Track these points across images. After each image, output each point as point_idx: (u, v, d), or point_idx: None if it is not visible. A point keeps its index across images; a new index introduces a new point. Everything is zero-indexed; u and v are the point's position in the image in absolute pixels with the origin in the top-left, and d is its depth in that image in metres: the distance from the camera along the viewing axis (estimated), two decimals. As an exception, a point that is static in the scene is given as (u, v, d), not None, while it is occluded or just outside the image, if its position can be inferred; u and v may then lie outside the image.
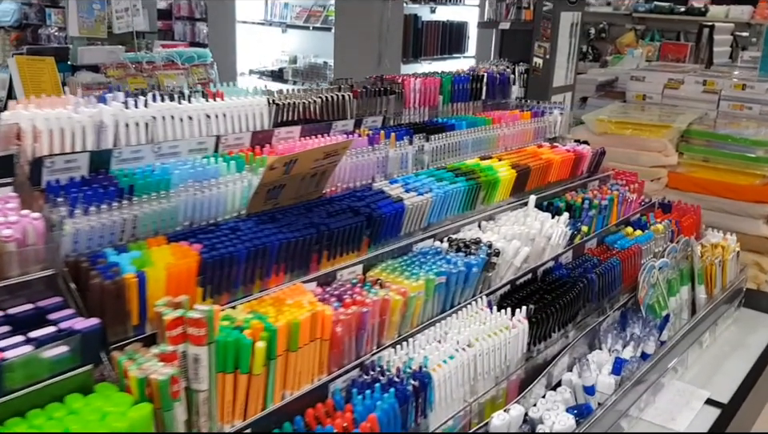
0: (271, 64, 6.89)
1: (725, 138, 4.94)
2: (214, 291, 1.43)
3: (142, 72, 5.61)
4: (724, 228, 4.84)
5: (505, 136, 2.46)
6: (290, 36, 6.87)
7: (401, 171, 2.09)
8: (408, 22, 6.59)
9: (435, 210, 1.96)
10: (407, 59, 6.61)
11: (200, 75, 5.99)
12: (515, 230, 2.10)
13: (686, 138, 5.11)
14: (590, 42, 9.65)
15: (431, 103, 2.43)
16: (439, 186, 1.99)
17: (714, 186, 4.90)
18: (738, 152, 4.82)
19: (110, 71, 5.46)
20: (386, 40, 6.42)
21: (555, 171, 2.45)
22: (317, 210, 1.71)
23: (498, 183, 2.17)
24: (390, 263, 1.81)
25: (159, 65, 5.67)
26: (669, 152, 5.10)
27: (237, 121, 1.83)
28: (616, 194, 2.58)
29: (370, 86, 2.25)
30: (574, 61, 5.19)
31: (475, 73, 2.62)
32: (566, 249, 2.29)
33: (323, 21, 6.54)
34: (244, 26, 6.77)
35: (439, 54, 7.04)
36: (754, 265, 4.78)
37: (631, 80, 5.93)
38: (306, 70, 6.69)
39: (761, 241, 4.79)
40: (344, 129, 2.09)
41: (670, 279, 2.51)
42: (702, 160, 5.01)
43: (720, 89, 5.48)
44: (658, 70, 6.05)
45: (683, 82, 5.67)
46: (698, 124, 5.19)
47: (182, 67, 5.82)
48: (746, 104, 5.42)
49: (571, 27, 5.02)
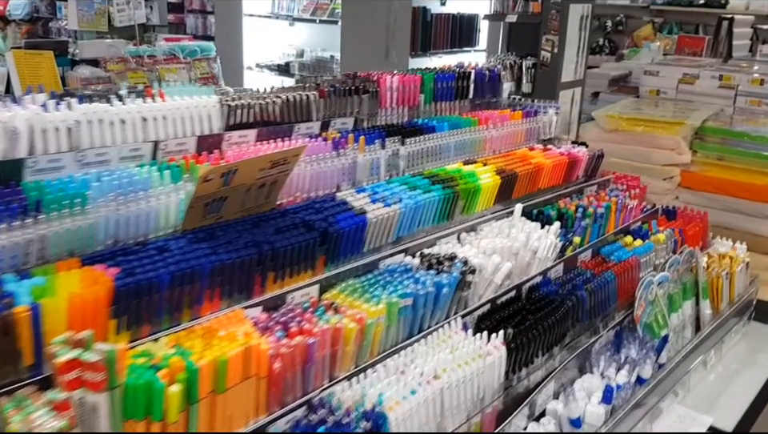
0: (278, 58, 6.69)
1: (741, 136, 4.66)
2: (132, 323, 1.24)
3: (143, 66, 5.43)
4: (738, 229, 4.60)
5: (492, 138, 2.23)
6: (297, 29, 6.67)
7: (371, 179, 1.88)
8: (416, 14, 6.34)
9: (405, 222, 1.75)
10: (416, 53, 6.37)
11: (203, 70, 5.81)
12: (497, 243, 1.88)
13: (700, 136, 4.84)
14: (607, 35, 9.34)
15: (411, 103, 2.21)
16: (411, 196, 1.78)
17: (728, 185, 4.64)
18: (755, 150, 4.55)
19: (109, 66, 5.29)
20: (393, 33, 6.19)
21: (546, 177, 2.22)
22: (265, 226, 1.50)
23: (480, 192, 1.95)
24: (351, 283, 1.60)
25: (160, 59, 5.49)
26: (682, 150, 4.84)
27: (180, 124, 1.63)
28: (614, 200, 2.35)
29: (340, 84, 2.04)
30: (584, 55, 4.93)
31: (462, 70, 2.40)
32: (555, 262, 2.07)
33: (330, 14, 6.32)
34: (251, 20, 6.58)
35: (449, 48, 6.78)
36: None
37: (645, 75, 5.65)
38: (312, 64, 6.49)
39: (777, 243, 4.53)
40: (308, 132, 1.88)
41: (672, 293, 2.28)
42: (716, 159, 4.75)
43: (737, 84, 5.19)
44: (673, 65, 5.76)
45: (698, 77, 5.39)
46: (713, 121, 4.92)
47: (184, 61, 5.64)
48: (764, 100, 5.13)
49: (581, 20, 4.75)
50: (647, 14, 8.93)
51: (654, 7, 8.77)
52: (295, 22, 6.52)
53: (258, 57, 6.74)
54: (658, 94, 5.55)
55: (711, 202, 4.72)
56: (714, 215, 4.67)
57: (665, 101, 5.46)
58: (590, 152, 2.41)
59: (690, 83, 5.39)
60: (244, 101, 1.75)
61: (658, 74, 5.58)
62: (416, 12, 6.37)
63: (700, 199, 4.77)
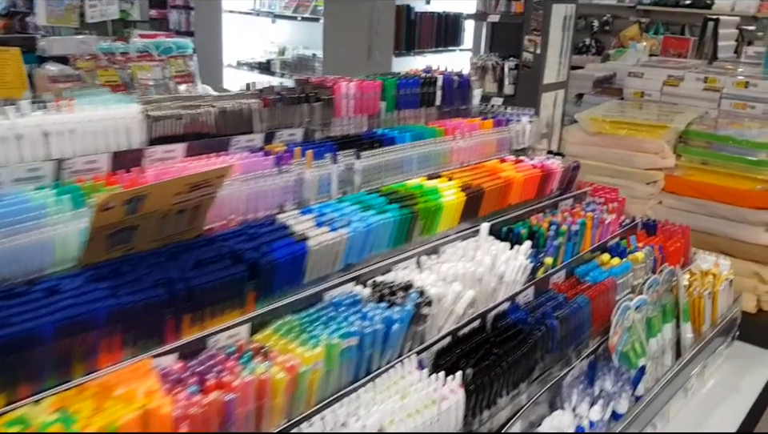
0: (260, 55, 6.44)
1: (725, 140, 4.45)
2: (7, 382, 1.02)
3: (115, 64, 5.17)
4: (722, 235, 4.40)
5: (459, 150, 2.01)
6: (279, 26, 6.42)
7: (321, 197, 1.66)
8: (400, 13, 6.11)
9: (355, 248, 1.53)
10: (399, 52, 6.14)
11: (178, 67, 5.55)
12: (459, 268, 1.66)
13: (684, 139, 4.63)
14: (593, 34, 9.13)
15: (371, 111, 1.99)
16: (362, 218, 1.56)
17: (712, 190, 4.44)
18: (739, 155, 4.35)
19: (79, 63, 5.02)
20: (376, 32, 5.96)
21: (517, 191, 2.00)
22: (185, 257, 1.28)
23: (441, 211, 1.74)
24: (288, 320, 1.38)
25: (133, 56, 5.22)
26: (666, 154, 4.63)
27: (92, 139, 1.40)
28: (590, 216, 2.13)
29: (287, 92, 1.81)
30: (568, 56, 4.72)
31: (429, 75, 2.17)
32: (525, 286, 1.85)
33: (312, 11, 6.08)
34: (231, 16, 6.32)
35: (434, 47, 6.55)
36: (754, 276, 4.33)
37: (629, 76, 5.43)
38: (294, 63, 6.24)
39: (761, 249, 4.33)
40: (249, 145, 1.66)
41: (650, 317, 2.07)
42: (700, 163, 4.54)
43: (722, 86, 4.99)
44: (658, 66, 5.54)
45: (683, 79, 5.18)
46: (698, 124, 4.71)
47: (159, 59, 5.37)
48: (749, 103, 4.93)
49: (564, 20, 4.53)
50: (634, 14, 8.73)
51: (641, 7, 8.57)
52: (277, 19, 6.28)
53: (239, 54, 6.48)
54: (642, 96, 5.34)
55: (695, 207, 4.52)
56: (697, 220, 4.50)
57: (649, 103, 5.25)
58: (566, 164, 2.20)
59: (674, 85, 5.18)
60: (172, 111, 1.52)
61: (642, 76, 5.37)
62: (400, 10, 6.14)
63: (683, 204, 4.57)
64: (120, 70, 5.14)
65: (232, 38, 6.46)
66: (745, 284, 4.24)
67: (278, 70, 6.28)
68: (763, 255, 4.27)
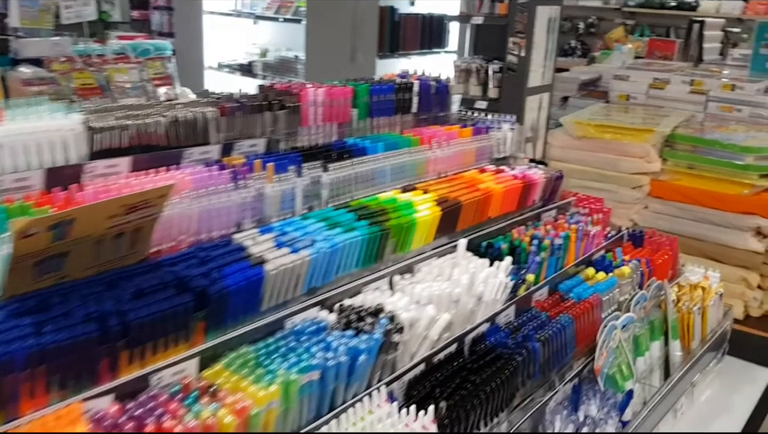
0: (241, 57, 6.28)
1: (712, 144, 4.35)
2: None
3: (91, 66, 4.99)
4: (709, 241, 4.30)
5: (436, 160, 1.88)
6: (261, 28, 6.27)
7: (284, 213, 1.53)
8: (384, 14, 5.96)
9: (318, 271, 1.40)
10: (383, 54, 6.00)
11: (157, 69, 5.38)
12: (433, 290, 1.53)
13: (670, 143, 4.53)
14: (579, 36, 9.03)
15: (341, 119, 1.85)
16: (327, 238, 1.43)
17: (699, 195, 4.34)
18: (726, 159, 4.25)
19: (54, 65, 4.84)
20: (359, 34, 5.82)
21: (497, 204, 1.88)
22: (124, 286, 1.15)
23: (415, 227, 1.61)
24: (243, 352, 1.25)
25: (110, 58, 5.06)
26: (651, 158, 4.52)
27: (24, 154, 1.26)
28: (574, 228, 2.01)
29: (248, 99, 1.68)
30: (553, 59, 4.60)
31: (404, 80, 2.04)
32: (505, 305, 1.73)
33: (294, 12, 5.93)
34: (212, 17, 6.16)
35: (418, 49, 6.42)
36: (741, 281, 4.24)
37: (614, 79, 5.32)
38: (276, 65, 6.09)
39: (748, 255, 4.25)
40: (204, 158, 1.52)
41: (638, 335, 1.95)
42: (687, 167, 4.44)
43: (708, 89, 4.89)
44: (643, 69, 5.44)
45: (669, 82, 5.07)
46: (684, 128, 4.61)
47: (136, 61, 5.21)
48: (736, 106, 4.83)
49: (549, 22, 4.42)
50: (619, 16, 8.65)
51: (626, 9, 8.48)
52: (258, 20, 6.12)
53: (221, 56, 6.33)
54: (627, 100, 5.24)
55: (681, 212, 4.42)
56: (684, 225, 4.40)
57: (635, 106, 5.15)
58: (548, 174, 2.07)
59: (660, 88, 5.08)
60: (116, 121, 1.38)
61: (628, 79, 5.27)
62: (383, 12, 6.00)
63: (670, 209, 4.47)
64: (96, 73, 4.97)
65: (213, 40, 6.30)
66: (732, 290, 4.15)
67: (259, 72, 6.13)
68: (751, 261, 4.18)
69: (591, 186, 4.71)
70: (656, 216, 4.52)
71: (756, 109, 4.72)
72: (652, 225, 4.60)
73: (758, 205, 4.12)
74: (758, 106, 4.71)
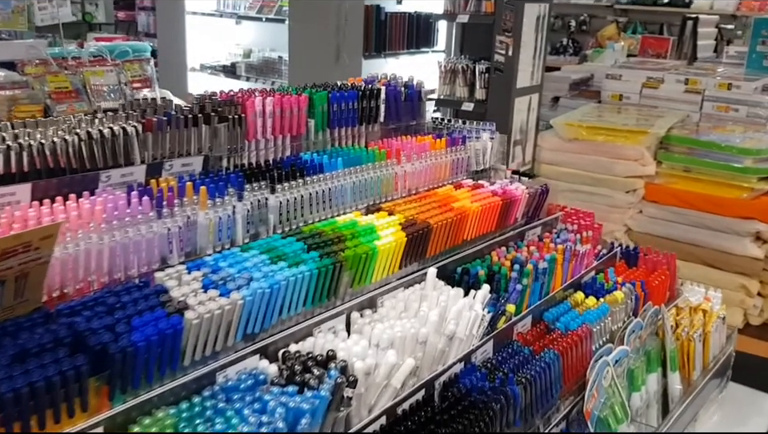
0: (224, 58, 6.05)
1: (709, 146, 4.14)
2: None
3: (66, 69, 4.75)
4: (706, 246, 4.09)
5: (406, 175, 1.66)
6: (244, 28, 6.03)
7: (222, 244, 1.30)
8: (369, 13, 5.73)
9: (255, 315, 1.17)
10: (369, 54, 5.76)
11: (134, 72, 5.14)
12: (396, 331, 1.31)
13: (665, 145, 4.32)
14: (571, 34, 8.80)
15: (296, 132, 1.62)
16: (267, 275, 1.20)
17: (695, 199, 4.14)
18: (724, 162, 4.04)
19: (27, 68, 4.60)
20: (344, 33, 5.59)
21: (473, 225, 1.66)
22: (6, 343, 0.92)
23: (376, 257, 1.38)
24: (161, 417, 1.02)
25: (86, 61, 4.82)
26: (646, 161, 4.32)
27: None
28: (561, 248, 1.79)
29: (180, 111, 1.44)
30: (542, 58, 4.38)
31: (369, 87, 1.81)
32: (482, 341, 1.51)
33: (277, 11, 5.70)
34: (194, 17, 5.91)
35: (406, 49, 6.18)
36: (741, 289, 4.04)
37: (607, 78, 5.11)
38: (260, 65, 5.86)
39: (747, 261, 4.06)
40: (126, 180, 1.29)
41: (633, 368, 1.73)
42: (682, 170, 4.24)
43: (703, 88, 4.67)
44: (636, 68, 5.22)
45: (663, 81, 4.86)
46: (679, 129, 4.40)
47: (113, 63, 4.97)
48: (732, 105, 4.61)
49: (538, 20, 4.20)
50: (611, 14, 8.42)
51: (618, 6, 8.26)
52: (242, 20, 5.89)
53: (204, 57, 6.09)
54: (620, 99, 5.03)
55: (677, 216, 4.22)
56: (680, 231, 4.19)
57: (628, 106, 4.93)
58: (532, 188, 1.85)
59: (654, 87, 4.87)
60: (13, 141, 1.15)
61: (620, 78, 5.05)
62: (369, 11, 5.77)
63: (665, 214, 4.27)
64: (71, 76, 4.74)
65: (196, 41, 6.06)
66: (732, 298, 3.95)
67: (243, 74, 5.89)
68: (750, 268, 3.98)
69: (583, 190, 4.50)
70: (651, 221, 4.32)
71: (753, 108, 4.51)
72: (647, 230, 4.40)
73: (758, 209, 3.92)
74: (755, 106, 4.50)
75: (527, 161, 4.52)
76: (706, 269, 4.07)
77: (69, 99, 4.49)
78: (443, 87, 4.40)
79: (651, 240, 4.20)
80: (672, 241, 4.17)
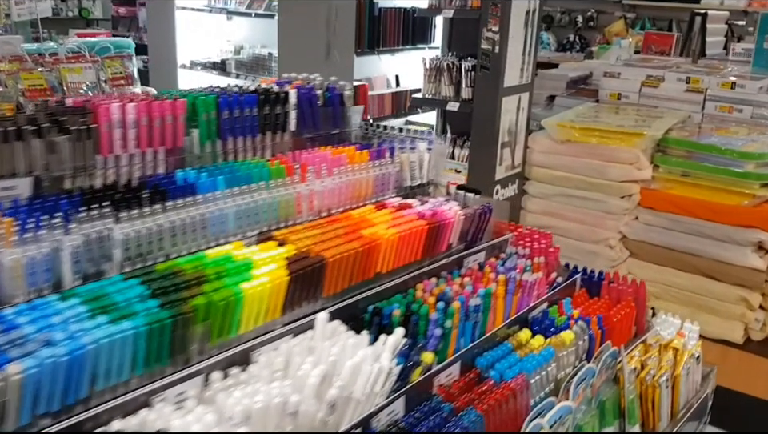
0: (215, 55, 5.79)
1: (708, 149, 3.78)
2: None
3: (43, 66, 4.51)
4: (705, 256, 3.72)
5: (312, 195, 1.37)
6: (235, 24, 5.76)
7: (39, 289, 1.02)
8: (362, 8, 5.42)
9: (47, 392, 0.89)
10: (362, 50, 5.46)
11: (115, 69, 4.88)
12: (255, 401, 1.02)
13: (662, 148, 3.96)
14: (578, 30, 8.41)
15: (171, 144, 1.33)
16: (76, 335, 0.92)
17: (694, 205, 3.77)
18: (724, 166, 3.67)
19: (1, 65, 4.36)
20: (335, 29, 5.29)
21: (389, 255, 1.36)
22: None
23: (240, 304, 1.09)
24: None
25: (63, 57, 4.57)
26: (642, 165, 3.96)
27: None
28: (502, 279, 1.49)
29: (1, 121, 1.16)
30: (533, 55, 4.05)
31: (275, 90, 1.51)
32: (388, 400, 1.21)
33: (267, 7, 5.42)
34: (184, 13, 5.65)
35: (401, 45, 5.88)
36: (741, 302, 3.68)
37: (605, 77, 4.74)
38: (250, 62, 5.59)
39: (748, 273, 3.69)
40: None
41: (581, 425, 1.43)
42: (680, 175, 3.86)
43: (705, 87, 4.31)
44: (637, 66, 4.85)
45: (663, 80, 4.49)
46: (678, 131, 4.03)
47: (92, 60, 4.71)
48: (736, 106, 4.24)
49: (527, 15, 3.86)
50: (619, 9, 8.02)
51: (627, 2, 7.86)
52: (232, 15, 5.62)
53: (194, 54, 5.83)
54: (619, 99, 4.68)
55: (674, 224, 3.87)
56: (677, 239, 3.83)
57: (626, 106, 4.57)
58: (470, 210, 1.54)
59: (654, 86, 4.50)
60: None
61: (619, 76, 4.69)
62: (361, 5, 5.46)
63: (661, 221, 3.92)
64: (47, 73, 4.49)
65: (186, 37, 5.81)
66: (732, 311, 3.61)
67: (233, 71, 5.63)
68: (751, 279, 3.62)
69: (576, 195, 4.17)
70: (646, 228, 3.98)
71: (758, 109, 4.13)
72: (642, 238, 4.06)
73: (759, 217, 3.57)
74: (760, 106, 4.11)
75: (516, 164, 4.20)
76: (704, 280, 3.73)
77: (43, 97, 4.25)
78: (428, 86, 4.09)
79: (647, 248, 3.88)
80: (669, 250, 3.84)
